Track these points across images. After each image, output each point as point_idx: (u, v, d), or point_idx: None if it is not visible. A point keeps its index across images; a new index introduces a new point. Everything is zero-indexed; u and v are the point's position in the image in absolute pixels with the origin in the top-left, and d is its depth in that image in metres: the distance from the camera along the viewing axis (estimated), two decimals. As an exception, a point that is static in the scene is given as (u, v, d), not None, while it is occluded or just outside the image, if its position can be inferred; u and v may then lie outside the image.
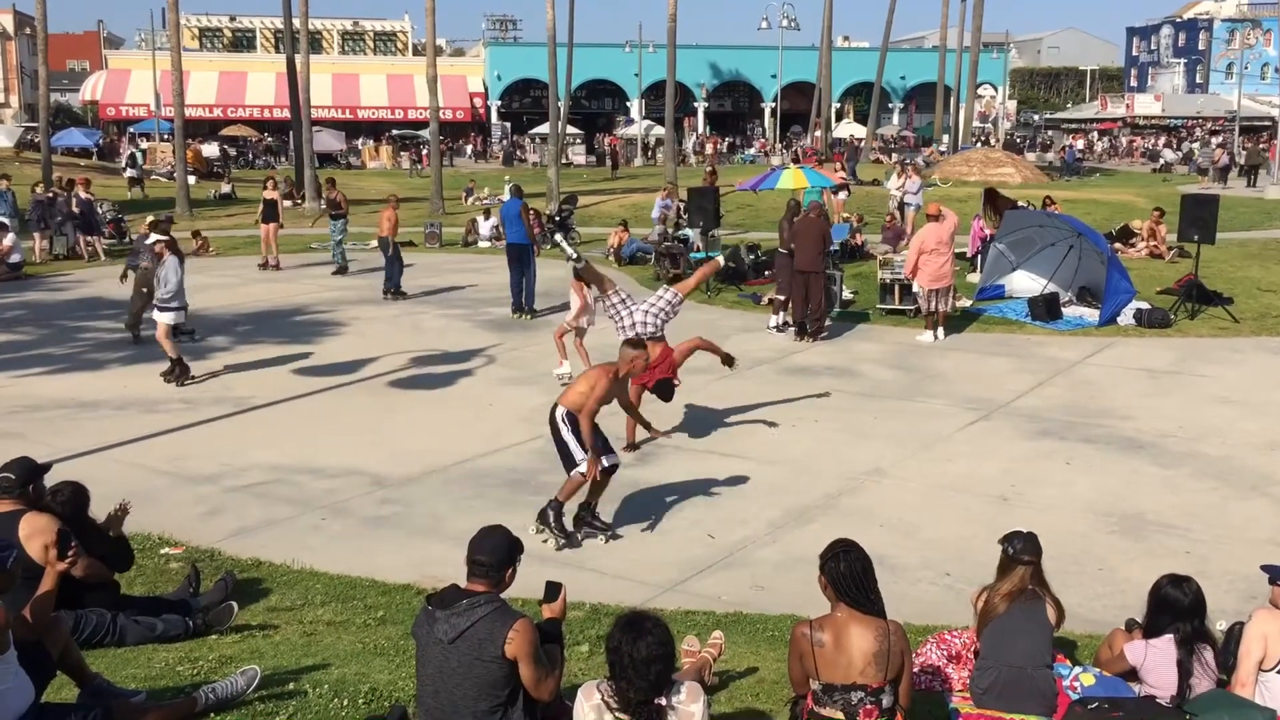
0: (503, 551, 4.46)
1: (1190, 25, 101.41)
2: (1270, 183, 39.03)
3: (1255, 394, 12.63)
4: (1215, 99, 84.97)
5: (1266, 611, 4.99)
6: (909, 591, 7.43)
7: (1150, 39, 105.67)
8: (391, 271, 19.35)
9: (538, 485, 9.60)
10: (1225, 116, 73.02)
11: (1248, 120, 64.40)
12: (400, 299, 19.05)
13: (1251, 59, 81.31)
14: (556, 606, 4.65)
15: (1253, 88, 73.87)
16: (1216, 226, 17.32)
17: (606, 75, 71.82)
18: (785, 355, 14.73)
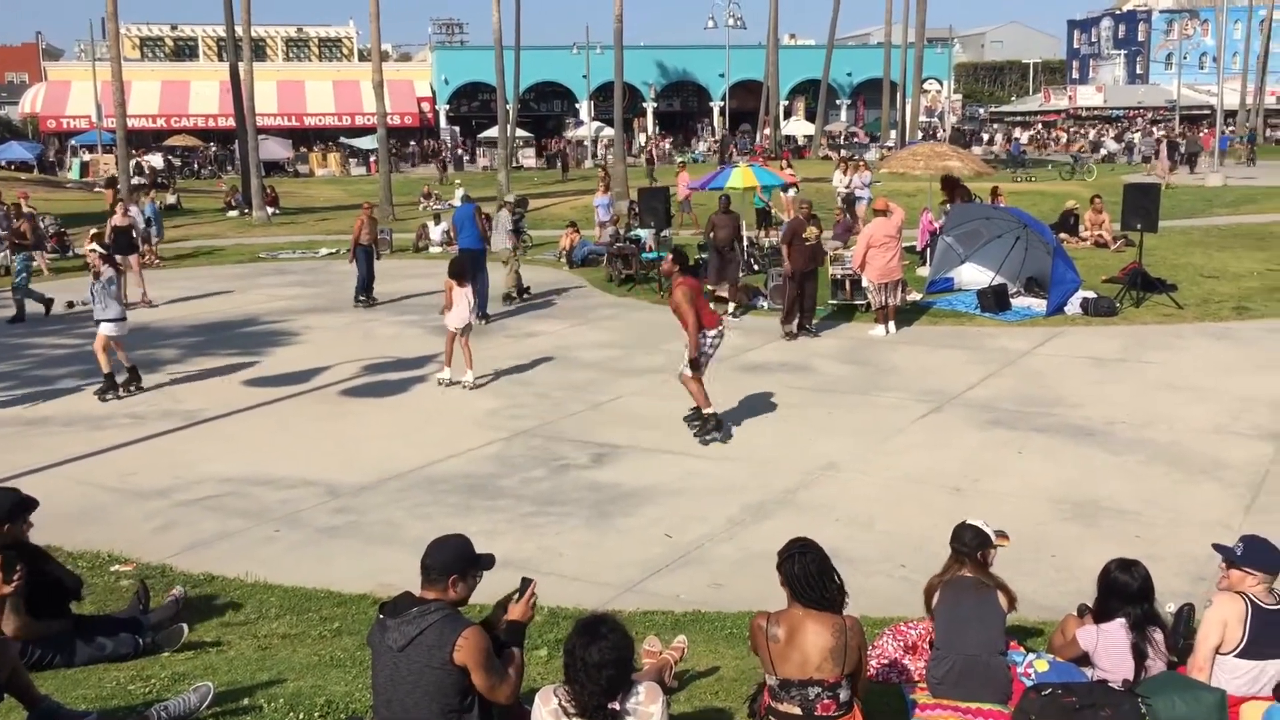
0: (451, 558, 4.43)
1: (1129, 17, 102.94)
2: (1211, 170, 39.71)
3: (1201, 379, 12.83)
4: (1156, 89, 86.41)
5: (1226, 596, 5.04)
6: (866, 584, 7.46)
7: (1091, 31, 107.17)
8: (364, 276, 19.16)
9: (494, 490, 9.57)
10: (1166, 106, 74.23)
11: (1187, 109, 65.53)
12: (368, 305, 18.92)
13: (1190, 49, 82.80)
14: (521, 608, 4.63)
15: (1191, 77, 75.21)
16: (1159, 215, 17.59)
17: (555, 78, 71.69)
18: (740, 353, 14.77)
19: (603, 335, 16.21)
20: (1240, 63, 67.82)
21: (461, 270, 13.40)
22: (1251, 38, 65.49)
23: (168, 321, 17.93)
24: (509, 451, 10.71)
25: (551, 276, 21.73)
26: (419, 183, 43.04)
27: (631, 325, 16.99)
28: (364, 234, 19.11)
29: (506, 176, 34.62)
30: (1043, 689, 4.99)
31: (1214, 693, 4.90)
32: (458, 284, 13.26)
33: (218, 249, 28.00)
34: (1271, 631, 4.91)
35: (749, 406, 12.09)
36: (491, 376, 13.75)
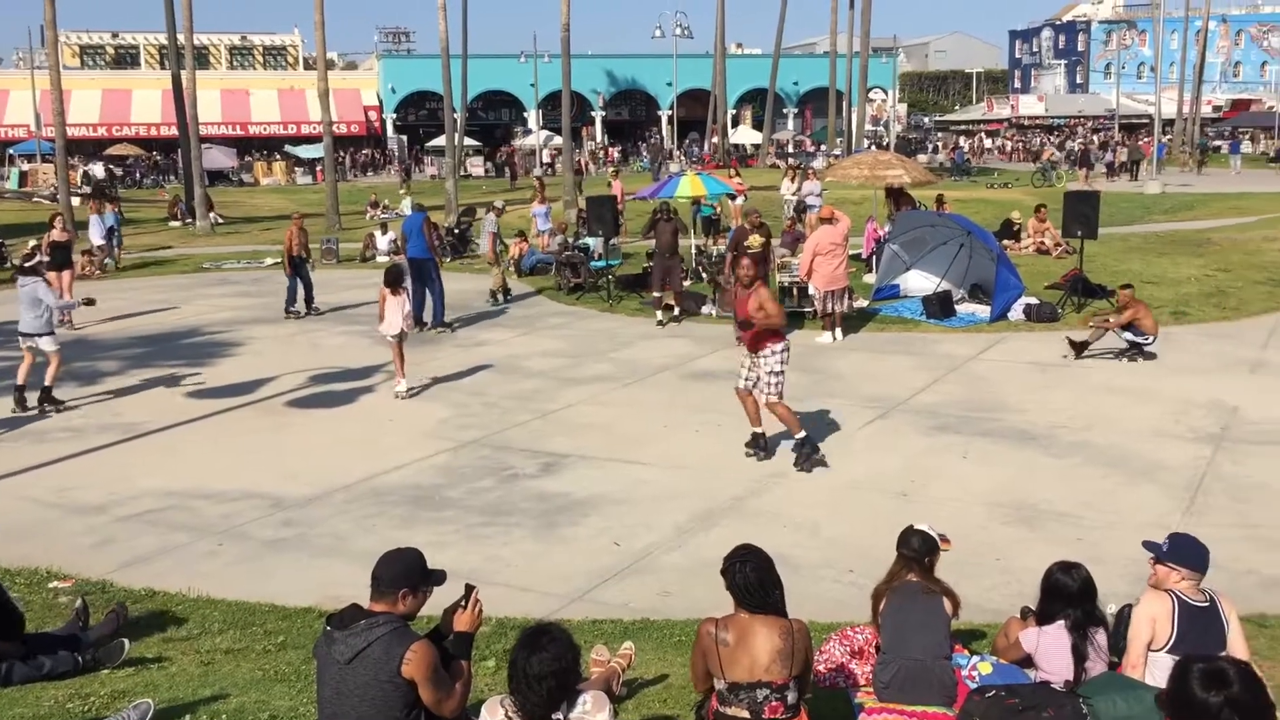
0: (401, 571, 4.40)
1: (1069, 27, 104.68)
2: (1149, 178, 40.44)
3: (1140, 383, 13.05)
4: (1095, 98, 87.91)
5: (1153, 594, 5.14)
6: (812, 590, 7.51)
7: (1032, 41, 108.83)
8: (294, 288, 18.96)
9: (441, 500, 9.52)
10: (1105, 115, 75.49)
11: (1127, 118, 66.69)
12: (310, 316, 18.74)
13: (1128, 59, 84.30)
14: (467, 617, 4.60)
15: (1130, 86, 76.56)
16: (1099, 222, 17.88)
17: (503, 86, 71.59)
18: (687, 361, 14.81)
19: (551, 344, 16.18)
20: (1177, 73, 69.13)
21: (394, 279, 13.39)
22: (1187, 48, 66.79)
23: (108, 333, 17.64)
24: (456, 462, 10.65)
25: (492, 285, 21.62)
26: (366, 192, 42.74)
27: (580, 334, 16.98)
28: (295, 245, 18.96)
29: (455, 185, 34.42)
30: (986, 691, 5.03)
31: (1154, 691, 4.95)
32: (391, 293, 13.24)
33: (161, 260, 27.60)
34: (1199, 628, 5.00)
35: (697, 414, 12.12)
36: (429, 383, 13.72)
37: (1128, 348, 14.12)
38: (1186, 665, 3.09)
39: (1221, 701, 2.86)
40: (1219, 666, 3.01)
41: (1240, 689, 2.90)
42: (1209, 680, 2.94)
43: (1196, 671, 2.98)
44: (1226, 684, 2.92)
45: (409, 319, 13.55)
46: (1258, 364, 13.98)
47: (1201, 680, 2.94)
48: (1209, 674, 2.98)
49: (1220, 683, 2.93)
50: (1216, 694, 2.89)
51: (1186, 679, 3.00)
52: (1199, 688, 2.93)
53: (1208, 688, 2.92)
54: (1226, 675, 2.94)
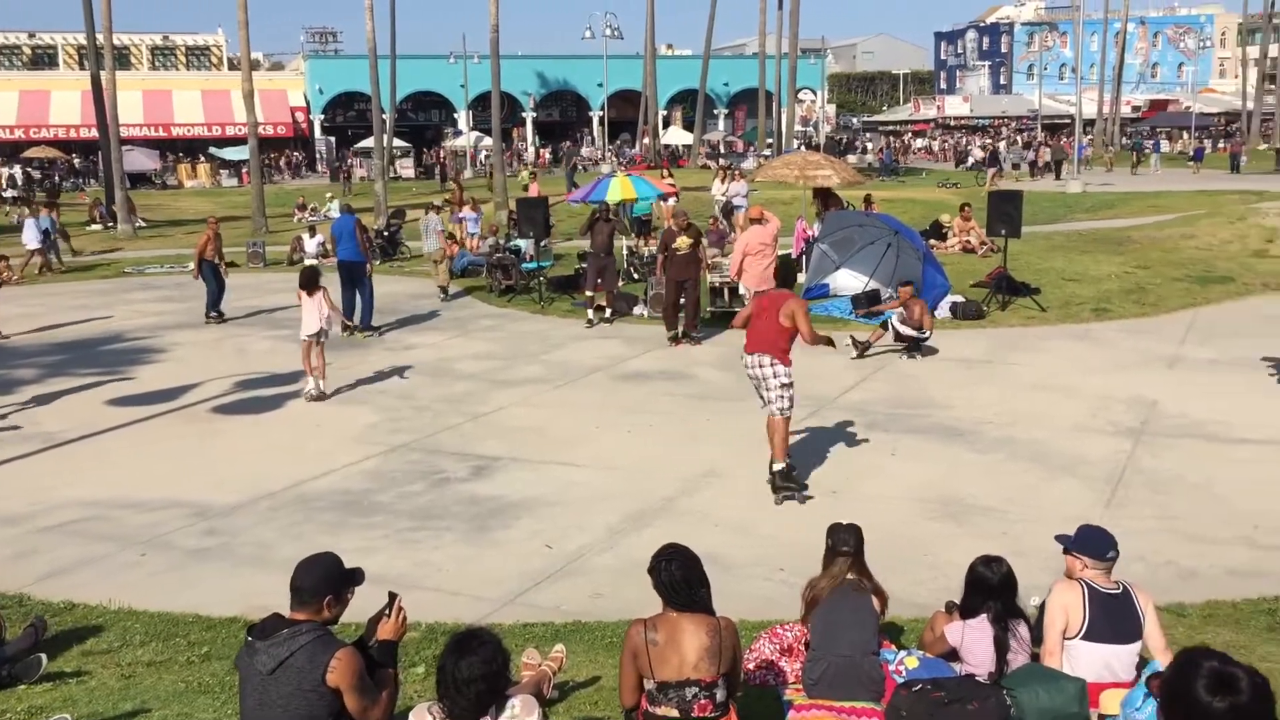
0: (321, 578, 4.33)
1: (993, 29, 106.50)
2: (1071, 177, 41.24)
3: (1063, 379, 13.30)
4: (1019, 99, 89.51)
5: (1064, 583, 5.26)
6: (743, 588, 7.55)
7: (957, 43, 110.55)
8: (214, 292, 18.67)
9: (370, 506, 9.42)
10: (1028, 115, 76.91)
11: (1049, 119, 68.01)
12: (220, 322, 18.42)
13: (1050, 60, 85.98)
14: (391, 626, 4.55)
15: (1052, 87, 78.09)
16: (1022, 221, 18.19)
17: (432, 87, 71.05)
18: (619, 362, 14.82)
19: (482, 346, 16.09)
20: (1097, 74, 70.66)
21: (306, 280, 13.30)
22: (1107, 50, 68.30)
23: (26, 340, 17.21)
24: (386, 466, 10.55)
25: (430, 288, 21.48)
26: (293, 194, 42.18)
27: (511, 336, 16.91)
28: (209, 250, 18.68)
29: (384, 187, 34.08)
30: (913, 685, 5.10)
31: (1075, 682, 5.07)
32: (306, 294, 13.15)
33: (82, 264, 26.98)
34: (1111, 615, 5.12)
35: (629, 415, 12.13)
36: (354, 384, 13.59)
37: (907, 345, 14.47)
38: (1194, 662, 2.79)
39: (1226, 708, 2.63)
40: (1232, 671, 2.72)
41: (1250, 699, 2.65)
42: (1218, 683, 2.68)
43: (1205, 671, 2.71)
44: (1236, 691, 2.66)
45: (329, 319, 13.40)
46: (1175, 359, 14.32)
47: (1209, 682, 2.68)
48: (1219, 677, 2.70)
49: (1229, 689, 2.67)
50: (1222, 699, 2.65)
51: (1192, 677, 2.72)
52: (1204, 690, 2.68)
53: (1214, 691, 2.67)
54: (1238, 682, 2.68)
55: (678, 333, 15.77)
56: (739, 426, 11.67)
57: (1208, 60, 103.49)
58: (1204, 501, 9.12)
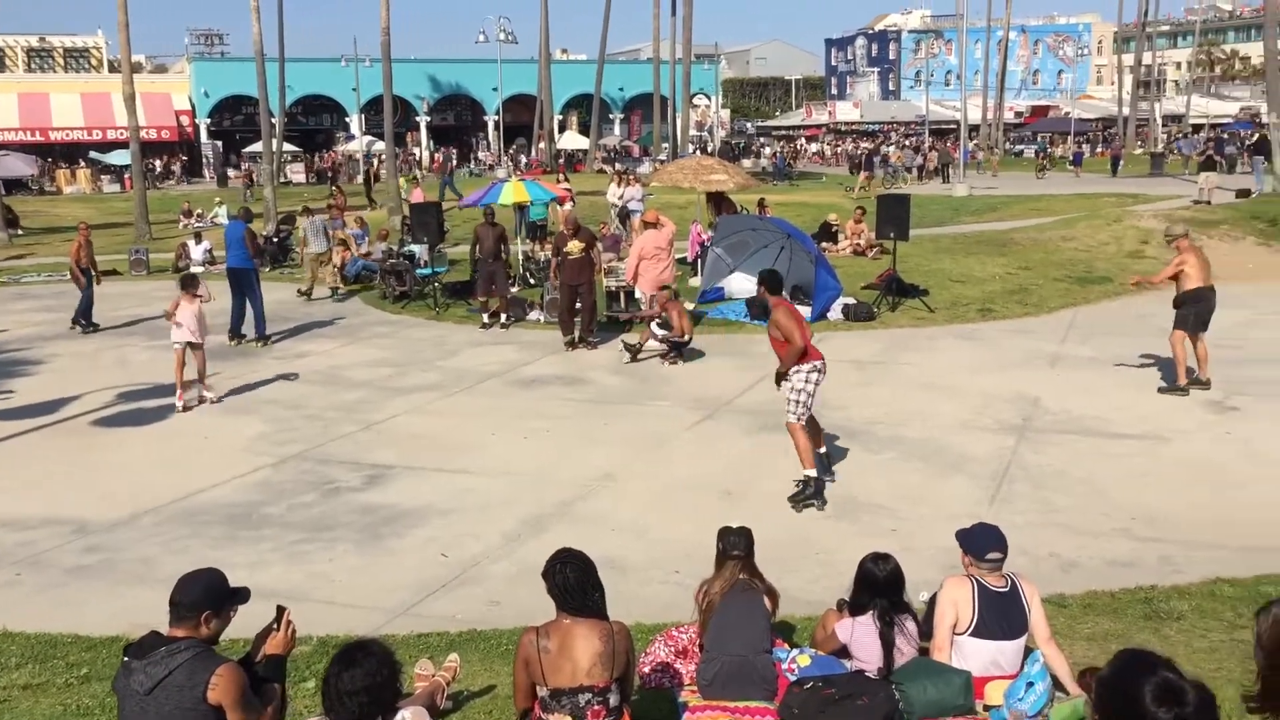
0: (201, 593, 4.22)
1: (881, 36, 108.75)
2: (957, 180, 42.26)
3: (951, 378, 13.62)
4: (907, 105, 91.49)
5: (955, 579, 5.38)
6: (640, 591, 7.57)
7: (847, 49, 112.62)
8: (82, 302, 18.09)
9: (259, 518, 9.21)
10: (916, 120, 78.63)
11: (936, 124, 69.64)
12: (92, 331, 17.84)
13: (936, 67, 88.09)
14: (279, 639, 4.46)
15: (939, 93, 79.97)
16: (910, 224, 18.60)
17: (323, 90, 69.84)
18: (514, 368, 14.74)
19: (376, 353, 15.87)
20: (981, 80, 72.57)
21: (183, 285, 13.10)
22: (990, 57, 70.22)
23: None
24: (276, 477, 10.33)
25: (322, 294, 21.13)
26: (178, 200, 41.07)
27: (405, 343, 16.70)
28: (83, 257, 18.12)
29: (273, 192, 33.38)
30: (805, 683, 5.17)
31: (961, 675, 5.19)
32: (186, 300, 12.94)
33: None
34: (999, 612, 5.25)
35: (525, 420, 12.08)
36: (240, 395, 13.30)
37: (669, 349, 14.74)
38: (1141, 669, 2.79)
39: (1175, 717, 2.67)
40: (1181, 685, 2.74)
41: (1195, 713, 2.69)
42: (1166, 694, 2.70)
43: (1155, 681, 2.73)
44: (1183, 704, 2.69)
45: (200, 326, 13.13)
46: (1057, 357, 14.76)
47: (1157, 692, 2.70)
48: (1169, 688, 2.72)
49: (1177, 701, 2.70)
50: (1168, 710, 2.68)
51: (1139, 684, 2.73)
52: (1151, 699, 2.70)
53: (1162, 701, 2.69)
54: (1186, 695, 2.71)
55: (574, 337, 15.76)
56: (635, 430, 11.72)
57: (1085, 67, 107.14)
58: (1084, 495, 9.41)
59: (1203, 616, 6.80)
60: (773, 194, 32.06)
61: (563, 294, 15.89)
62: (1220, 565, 7.73)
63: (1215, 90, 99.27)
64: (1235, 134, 59.92)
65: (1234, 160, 45.99)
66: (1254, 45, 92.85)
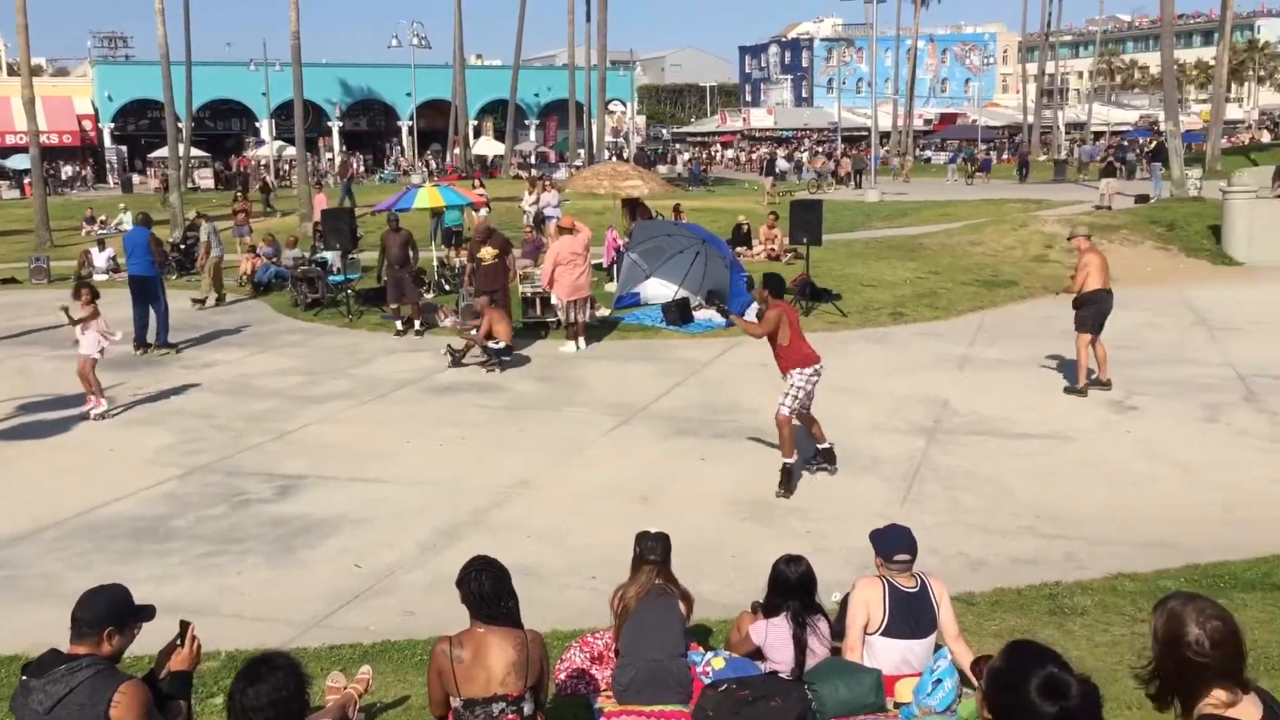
0: (103, 608, 4.12)
1: (794, 44, 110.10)
2: (869, 186, 42.93)
3: (863, 381, 13.81)
4: (820, 112, 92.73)
5: (866, 580, 5.47)
6: (558, 598, 7.56)
7: (760, 57, 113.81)
8: None
9: (166, 532, 9.00)
10: (829, 127, 79.73)
11: (848, 131, 70.65)
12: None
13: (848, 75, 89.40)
14: (184, 655, 4.36)
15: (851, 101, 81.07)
16: (822, 229, 18.85)
17: (232, 95, 68.67)
18: (429, 375, 14.62)
19: (287, 362, 15.61)
20: (892, 88, 73.86)
21: (89, 294, 12.86)
22: (900, 65, 71.49)
23: None
24: (184, 489, 10.10)
25: (234, 303, 20.73)
26: (81, 206, 40.00)
27: (317, 351, 16.46)
28: None
29: (180, 198, 32.67)
30: (719, 685, 5.21)
31: (872, 674, 5.28)
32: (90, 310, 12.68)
33: None
34: (909, 612, 5.35)
35: (439, 428, 11.98)
36: (145, 406, 12.99)
37: (489, 357, 14.90)
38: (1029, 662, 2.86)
39: (1055, 712, 2.74)
40: (1066, 680, 2.80)
41: (1079, 708, 2.76)
42: (1051, 689, 2.77)
43: (1041, 675, 2.79)
44: (1067, 698, 2.76)
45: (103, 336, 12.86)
46: (965, 359, 15.07)
47: (1043, 685, 2.77)
48: (1054, 682, 2.78)
49: (1061, 695, 2.77)
50: (1053, 704, 2.74)
51: (1026, 676, 2.79)
52: (1037, 692, 2.76)
53: (1047, 695, 2.76)
54: (1069, 690, 2.78)
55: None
56: (551, 436, 11.70)
57: (991, 76, 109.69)
58: (991, 495, 9.62)
59: (1105, 611, 6.99)
60: (688, 200, 32.22)
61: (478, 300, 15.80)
62: (1122, 561, 7.96)
63: (1115, 99, 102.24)
64: (1134, 141, 61.71)
65: (1134, 167, 47.37)
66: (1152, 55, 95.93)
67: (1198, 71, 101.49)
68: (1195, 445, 10.90)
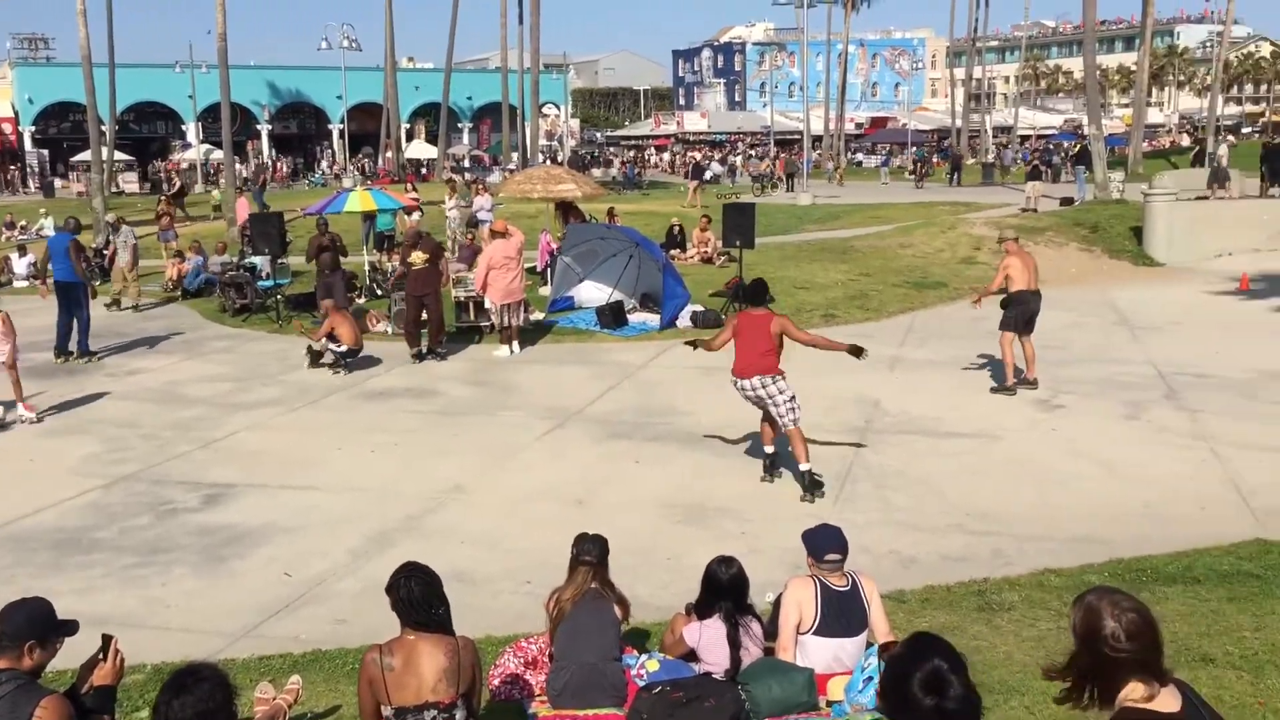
0: (23, 621, 4.03)
1: (727, 48, 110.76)
2: (801, 189, 43.29)
3: (796, 382, 13.67)
4: (753, 116, 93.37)
5: (798, 580, 5.51)
6: (491, 603, 7.52)
7: (693, 61, 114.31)
8: None
9: (90, 543, 8.81)
10: (761, 131, 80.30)
11: (781, 134, 71.22)
12: None
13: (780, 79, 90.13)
14: (107, 669, 4.27)
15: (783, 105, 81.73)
16: (755, 232, 18.97)
17: (157, 97, 67.42)
18: (361, 380, 14.47)
19: (215, 369, 15.36)
20: (823, 92, 74.54)
21: None
22: (831, 70, 72.19)
23: None
24: (108, 500, 9.90)
25: (158, 308, 20.37)
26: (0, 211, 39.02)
27: (246, 357, 16.22)
28: None
29: (103, 203, 31.99)
30: (653, 688, 5.21)
31: (804, 673, 5.32)
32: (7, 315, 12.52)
33: None
34: (840, 611, 5.40)
35: (371, 434, 11.86)
36: (67, 415, 12.75)
37: (336, 360, 14.99)
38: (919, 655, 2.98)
39: (931, 707, 2.83)
40: (948, 678, 2.90)
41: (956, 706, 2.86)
42: (930, 683, 2.87)
43: (925, 669, 2.90)
44: (944, 695, 2.86)
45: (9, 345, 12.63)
46: (896, 360, 15.26)
47: (924, 679, 2.87)
48: (935, 677, 2.88)
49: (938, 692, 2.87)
50: (931, 699, 2.84)
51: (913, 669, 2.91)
52: (919, 685, 2.87)
53: (925, 689, 2.86)
54: (948, 689, 2.87)
55: (421, 349, 15.56)
56: (485, 441, 11.64)
57: (920, 80, 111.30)
58: (922, 494, 9.75)
59: (1031, 606, 7.11)
60: (622, 203, 32.27)
61: (408, 305, 15.70)
62: (1048, 556, 8.11)
63: (1041, 103, 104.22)
64: (1059, 145, 62.91)
65: (1059, 170, 48.28)
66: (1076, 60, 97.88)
67: (1120, 76, 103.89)
68: (1118, 443, 11.13)
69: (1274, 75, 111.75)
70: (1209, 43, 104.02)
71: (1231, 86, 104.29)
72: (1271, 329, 17.02)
